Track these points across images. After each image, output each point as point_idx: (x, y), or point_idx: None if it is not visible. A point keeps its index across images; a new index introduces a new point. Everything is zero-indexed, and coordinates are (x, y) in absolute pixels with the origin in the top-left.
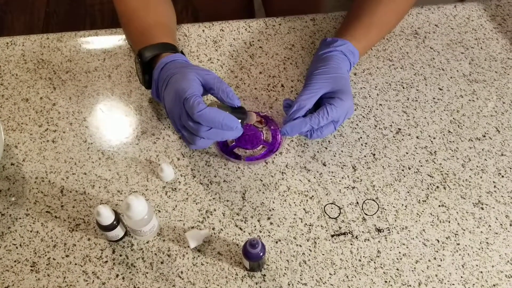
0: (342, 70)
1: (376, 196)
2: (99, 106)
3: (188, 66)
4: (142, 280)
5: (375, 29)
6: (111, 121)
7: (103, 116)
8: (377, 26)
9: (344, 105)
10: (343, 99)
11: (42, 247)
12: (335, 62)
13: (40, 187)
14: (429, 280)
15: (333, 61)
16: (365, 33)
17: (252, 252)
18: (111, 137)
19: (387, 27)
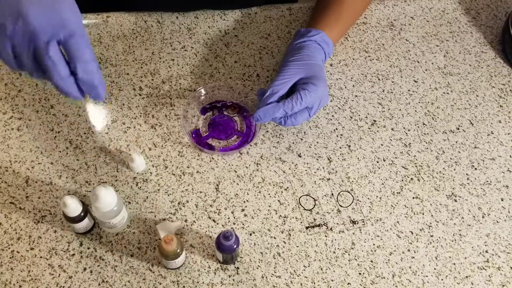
0: (316, 58)
1: (351, 187)
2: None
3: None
4: (111, 274)
5: (346, 16)
6: (79, 109)
7: (71, 105)
8: (347, 13)
9: (317, 91)
10: (316, 85)
11: (5, 239)
12: (309, 50)
13: (3, 177)
14: (403, 272)
15: (307, 49)
16: (336, 21)
17: (226, 244)
18: (80, 126)
19: (356, 13)
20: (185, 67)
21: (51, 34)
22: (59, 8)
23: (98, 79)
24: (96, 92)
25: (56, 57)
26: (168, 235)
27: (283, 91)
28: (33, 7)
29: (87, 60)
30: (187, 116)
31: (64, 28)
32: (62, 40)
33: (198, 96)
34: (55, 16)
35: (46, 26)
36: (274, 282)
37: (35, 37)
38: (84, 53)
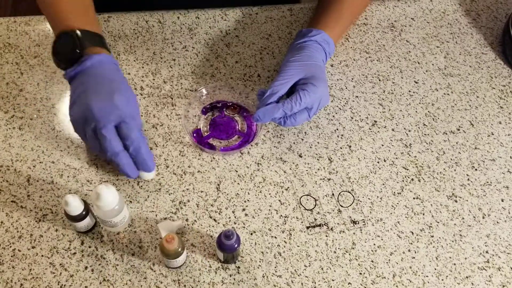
0: (316, 58)
1: (351, 188)
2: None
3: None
4: (112, 273)
5: (346, 16)
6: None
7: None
8: (347, 12)
9: (317, 91)
10: (316, 85)
11: (7, 238)
12: (309, 51)
13: (5, 176)
14: (403, 272)
15: (307, 49)
16: (337, 21)
17: (227, 243)
18: None
19: (356, 12)
20: (186, 67)
21: (107, 119)
22: (115, 99)
23: (145, 153)
24: (145, 165)
25: (109, 135)
26: (170, 234)
27: (282, 92)
28: (95, 98)
29: (135, 138)
30: (188, 116)
31: (117, 114)
32: (116, 123)
33: (199, 96)
34: (111, 106)
35: (104, 112)
36: (275, 282)
37: (96, 121)
38: (132, 132)
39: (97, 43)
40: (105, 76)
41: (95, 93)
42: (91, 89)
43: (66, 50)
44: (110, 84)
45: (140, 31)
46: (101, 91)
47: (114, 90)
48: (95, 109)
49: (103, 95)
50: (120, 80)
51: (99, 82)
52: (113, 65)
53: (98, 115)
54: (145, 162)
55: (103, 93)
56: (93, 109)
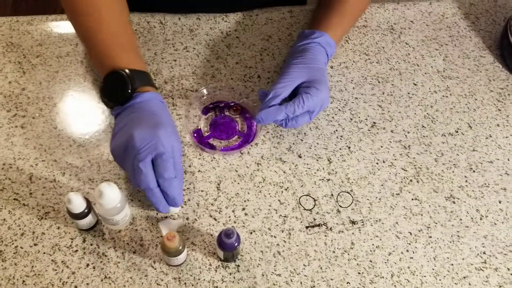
0: (319, 61)
1: (350, 188)
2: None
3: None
4: (113, 270)
5: (348, 17)
6: (83, 107)
7: (75, 103)
8: (349, 13)
9: (320, 95)
10: (319, 89)
11: (9, 235)
12: (312, 53)
13: (7, 174)
14: (402, 272)
15: (310, 52)
16: (339, 22)
17: (227, 242)
18: (83, 124)
19: (357, 14)
20: (187, 67)
21: (147, 151)
22: (157, 132)
23: (175, 192)
24: (174, 202)
25: (145, 170)
26: (171, 232)
27: (285, 94)
28: (138, 130)
29: (168, 178)
30: (189, 116)
31: (156, 149)
32: (153, 157)
33: (200, 96)
34: (152, 138)
35: (144, 144)
36: (274, 280)
37: (136, 152)
38: (166, 171)
39: (146, 82)
40: (150, 111)
41: (138, 125)
42: (135, 121)
43: (117, 90)
44: (154, 118)
45: (141, 32)
46: (144, 123)
47: (157, 124)
48: (136, 139)
49: (146, 127)
50: (164, 115)
51: (144, 116)
52: (159, 102)
53: (138, 146)
54: (173, 201)
55: (147, 126)
56: (134, 139)
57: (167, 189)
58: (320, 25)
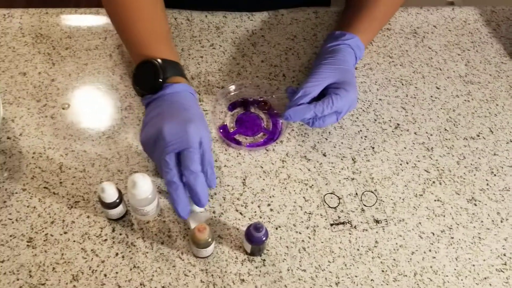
0: (348, 63)
1: (374, 188)
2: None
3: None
4: (142, 260)
5: (378, 22)
6: (111, 100)
7: (104, 95)
8: (379, 19)
9: (348, 97)
10: (348, 91)
11: (39, 222)
12: (342, 55)
13: (38, 163)
14: (424, 271)
15: (340, 53)
16: (369, 27)
17: (256, 235)
18: (112, 117)
19: (387, 19)
20: (213, 64)
21: (175, 146)
22: (186, 128)
23: (200, 187)
24: (197, 198)
25: (170, 163)
26: (202, 224)
27: (315, 93)
28: (169, 125)
29: (194, 170)
30: (215, 111)
31: (184, 143)
32: (181, 151)
33: (226, 93)
34: (181, 133)
35: (173, 137)
36: (299, 275)
37: (164, 144)
38: (193, 163)
39: (177, 73)
40: (181, 103)
41: (169, 118)
42: (166, 113)
43: (148, 79)
44: (184, 112)
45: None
46: (175, 117)
47: (187, 119)
48: (166, 133)
49: (176, 122)
50: (195, 110)
51: (174, 108)
52: (190, 95)
53: (167, 139)
54: (197, 196)
55: (177, 120)
56: (164, 133)
57: (192, 182)
58: (350, 27)
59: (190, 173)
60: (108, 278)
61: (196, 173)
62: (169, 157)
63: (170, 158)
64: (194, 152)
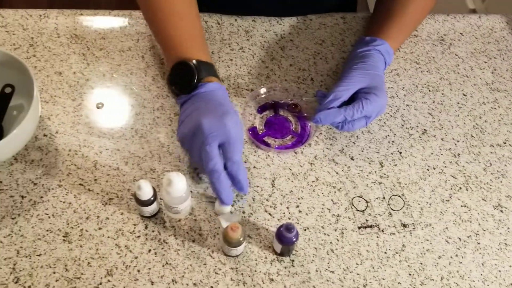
0: (378, 68)
1: (402, 192)
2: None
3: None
4: (174, 257)
5: (407, 28)
6: (144, 100)
7: (137, 96)
8: (409, 25)
9: (378, 102)
10: (378, 96)
11: (75, 218)
12: (372, 60)
13: (73, 160)
14: (451, 275)
15: (371, 59)
16: (399, 32)
17: (287, 236)
18: (144, 117)
19: (416, 25)
20: (243, 67)
21: (214, 136)
22: (224, 120)
23: (242, 175)
24: (240, 186)
25: (211, 152)
26: (235, 223)
27: (345, 97)
28: (206, 116)
29: (236, 161)
30: (244, 114)
31: (224, 135)
32: (221, 143)
33: (255, 96)
34: (220, 125)
35: (212, 130)
36: (328, 277)
37: (204, 137)
38: (234, 155)
39: (211, 73)
40: (216, 100)
41: (206, 112)
42: (202, 109)
43: (184, 80)
44: (220, 107)
45: None
46: (211, 111)
47: (224, 112)
48: (205, 125)
49: (213, 115)
50: (229, 105)
51: (210, 104)
52: (224, 92)
53: (206, 131)
54: (240, 184)
55: (214, 113)
56: (203, 125)
57: (236, 172)
58: (380, 33)
59: (232, 163)
60: (141, 273)
61: (238, 162)
62: (210, 147)
63: (211, 148)
64: (235, 144)
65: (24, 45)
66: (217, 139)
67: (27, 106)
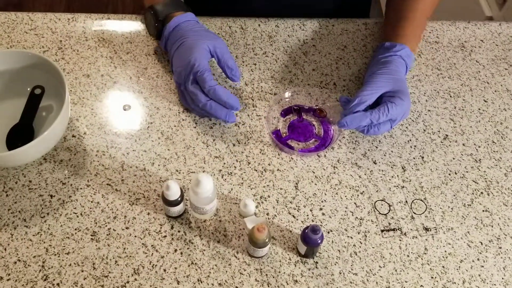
0: (401, 73)
1: (424, 196)
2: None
3: (199, 31)
4: (199, 257)
5: (420, 29)
6: (170, 103)
7: (163, 98)
8: (422, 24)
9: (403, 105)
10: (403, 99)
11: (103, 217)
12: (395, 65)
13: (101, 160)
14: (473, 279)
15: (393, 64)
16: (415, 33)
17: (313, 237)
18: (170, 119)
19: (426, 22)
20: (266, 71)
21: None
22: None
23: (224, 96)
24: (229, 105)
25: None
26: (262, 224)
27: (370, 101)
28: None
29: (209, 87)
30: (268, 117)
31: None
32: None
33: (279, 99)
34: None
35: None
36: (351, 279)
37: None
38: (206, 82)
39: (172, 9)
40: (180, 37)
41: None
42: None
43: (151, 26)
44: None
45: (223, 36)
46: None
47: (187, 48)
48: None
49: (180, 56)
50: (194, 33)
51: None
52: (186, 22)
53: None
54: (227, 104)
55: (181, 55)
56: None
57: (212, 96)
58: (398, 37)
59: (207, 91)
60: (167, 273)
61: (212, 87)
62: (192, 87)
63: (193, 87)
64: (202, 74)
65: (52, 48)
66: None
67: (56, 107)
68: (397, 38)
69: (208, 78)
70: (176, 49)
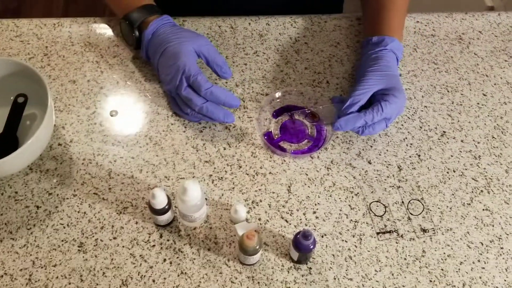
0: (393, 68)
1: (421, 196)
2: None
3: (179, 33)
4: (189, 266)
5: (404, 15)
6: (158, 107)
7: (151, 102)
8: (405, 11)
9: (397, 102)
10: (397, 96)
11: (90, 228)
12: (386, 61)
13: (87, 169)
14: (473, 281)
15: (384, 59)
16: (400, 23)
17: (304, 243)
18: (158, 124)
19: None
20: (257, 71)
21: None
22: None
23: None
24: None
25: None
26: (251, 231)
27: (363, 101)
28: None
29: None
30: (259, 118)
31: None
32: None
33: (271, 100)
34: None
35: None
36: (346, 284)
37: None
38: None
39: (146, 15)
40: (161, 43)
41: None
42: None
43: (128, 36)
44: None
45: (213, 36)
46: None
47: (172, 55)
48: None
49: (166, 64)
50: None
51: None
52: (163, 26)
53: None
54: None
55: (167, 62)
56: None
57: (210, 98)
58: (385, 30)
59: (204, 94)
60: (156, 284)
61: (209, 89)
62: (186, 92)
63: (187, 92)
64: (195, 77)
65: (38, 54)
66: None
67: (40, 115)
68: (383, 31)
69: (202, 81)
70: (159, 57)
